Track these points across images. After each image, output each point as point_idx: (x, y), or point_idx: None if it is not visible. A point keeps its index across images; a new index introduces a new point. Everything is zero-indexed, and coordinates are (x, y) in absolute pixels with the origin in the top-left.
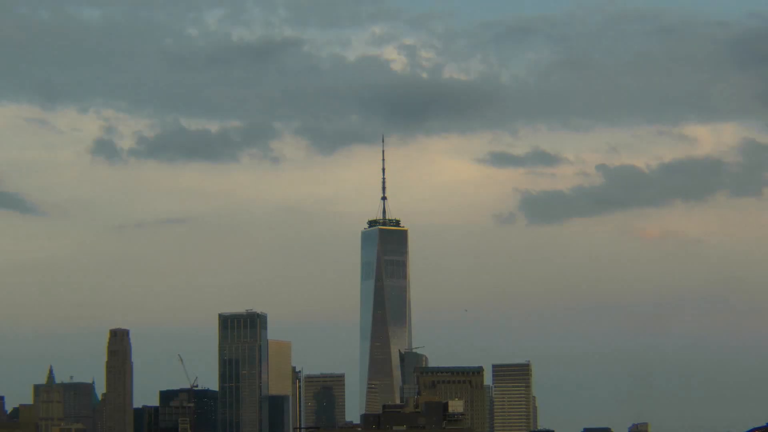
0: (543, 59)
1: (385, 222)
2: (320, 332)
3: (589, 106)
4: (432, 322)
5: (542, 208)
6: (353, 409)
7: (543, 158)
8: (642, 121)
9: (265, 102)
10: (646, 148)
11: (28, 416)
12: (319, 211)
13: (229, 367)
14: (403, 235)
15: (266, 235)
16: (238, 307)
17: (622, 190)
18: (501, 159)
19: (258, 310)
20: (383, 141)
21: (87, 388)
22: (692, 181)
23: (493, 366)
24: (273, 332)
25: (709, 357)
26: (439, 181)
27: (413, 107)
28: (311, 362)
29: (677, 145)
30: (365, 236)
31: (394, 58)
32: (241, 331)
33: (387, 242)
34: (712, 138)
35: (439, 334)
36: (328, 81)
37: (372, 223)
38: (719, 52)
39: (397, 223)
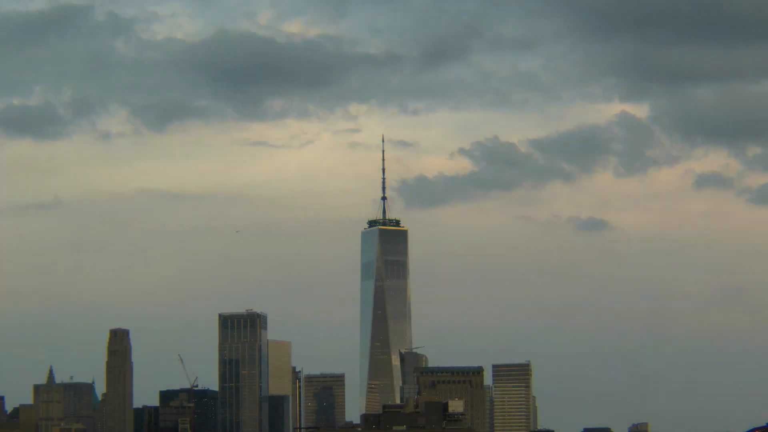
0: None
1: (385, 222)
2: (320, 332)
3: (461, 85)
4: (432, 322)
5: (416, 192)
6: (353, 409)
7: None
8: (514, 99)
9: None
10: (523, 127)
11: (28, 416)
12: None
13: (229, 367)
14: (403, 235)
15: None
16: (238, 307)
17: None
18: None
19: (258, 310)
20: (383, 141)
21: (87, 388)
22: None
23: (493, 366)
24: (273, 332)
25: (708, 357)
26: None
27: (251, 78)
28: (311, 362)
29: (551, 122)
30: (365, 236)
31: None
32: (241, 331)
33: (387, 242)
34: (585, 114)
35: (439, 334)
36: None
37: (372, 223)
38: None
39: (397, 223)
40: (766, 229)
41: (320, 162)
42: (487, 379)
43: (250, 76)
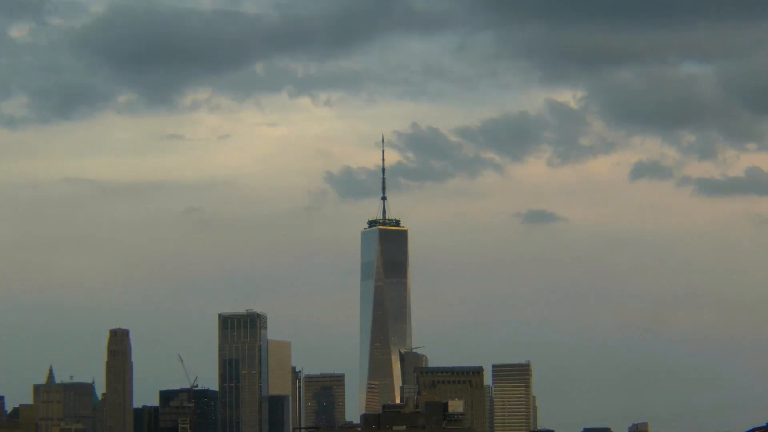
0: None
1: (385, 222)
2: (320, 332)
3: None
4: (432, 322)
5: (346, 185)
6: (353, 409)
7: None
8: (429, 88)
9: None
10: (444, 116)
11: (28, 416)
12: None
13: (229, 367)
14: (403, 235)
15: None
16: (238, 307)
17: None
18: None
19: (258, 310)
20: (382, 141)
21: (87, 388)
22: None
23: (493, 366)
24: (273, 332)
25: (707, 356)
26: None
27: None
28: (311, 362)
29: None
30: (365, 236)
31: None
32: (241, 331)
33: (387, 242)
34: (517, 102)
35: (439, 334)
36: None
37: (372, 223)
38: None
39: (397, 223)
40: (718, 222)
41: (245, 156)
42: (487, 379)
43: (153, 59)
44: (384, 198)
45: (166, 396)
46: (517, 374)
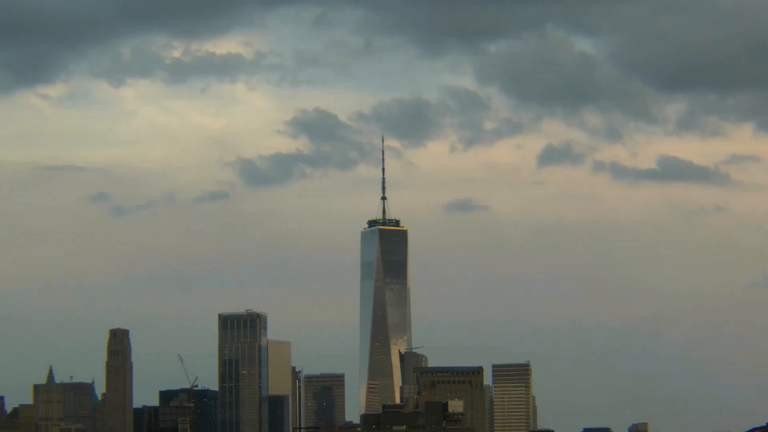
0: None
1: (385, 222)
2: (320, 332)
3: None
4: (432, 322)
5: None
6: (353, 409)
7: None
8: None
9: None
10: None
11: (28, 416)
12: None
13: (229, 367)
14: (403, 235)
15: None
16: (238, 307)
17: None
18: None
19: (258, 310)
20: (383, 141)
21: (87, 388)
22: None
23: (493, 366)
24: (273, 332)
25: (708, 356)
26: None
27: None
28: (311, 362)
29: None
30: (365, 236)
31: None
32: (241, 331)
33: (387, 242)
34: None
35: (439, 334)
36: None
37: (372, 223)
38: None
39: (397, 223)
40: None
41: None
42: (487, 379)
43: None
44: (384, 198)
45: (166, 396)
46: (517, 374)
